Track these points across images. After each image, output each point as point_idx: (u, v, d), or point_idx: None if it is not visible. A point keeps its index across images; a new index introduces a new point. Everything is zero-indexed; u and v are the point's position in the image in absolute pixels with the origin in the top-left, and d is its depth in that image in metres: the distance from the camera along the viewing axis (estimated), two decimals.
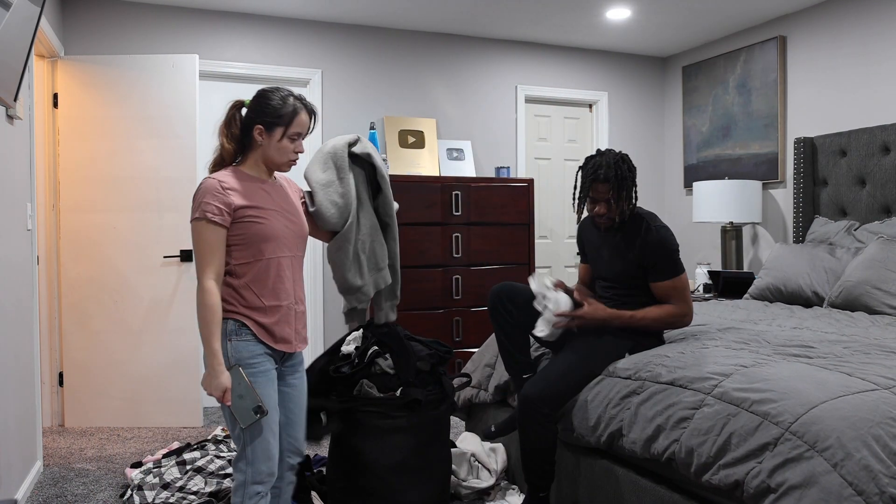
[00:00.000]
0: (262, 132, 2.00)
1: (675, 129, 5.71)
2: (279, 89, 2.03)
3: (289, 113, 1.99)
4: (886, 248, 3.47)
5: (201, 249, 1.92)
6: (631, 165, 2.53)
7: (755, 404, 1.89)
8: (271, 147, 2.01)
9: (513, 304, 2.67)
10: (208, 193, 1.93)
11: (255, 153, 2.04)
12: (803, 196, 4.41)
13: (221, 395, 1.89)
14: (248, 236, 1.96)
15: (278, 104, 1.99)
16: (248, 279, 1.97)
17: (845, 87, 4.35)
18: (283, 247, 2.02)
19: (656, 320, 2.51)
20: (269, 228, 1.98)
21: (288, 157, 2.04)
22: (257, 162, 2.05)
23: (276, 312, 2.00)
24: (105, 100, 4.09)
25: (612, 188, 2.47)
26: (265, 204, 2.00)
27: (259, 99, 2.02)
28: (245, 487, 1.95)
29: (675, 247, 2.52)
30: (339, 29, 4.86)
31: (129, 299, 4.10)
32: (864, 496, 1.61)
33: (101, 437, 3.89)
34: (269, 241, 1.98)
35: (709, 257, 5.40)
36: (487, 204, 4.62)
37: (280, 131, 2.00)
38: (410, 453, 2.42)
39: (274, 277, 2.00)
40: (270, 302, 1.99)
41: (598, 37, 5.21)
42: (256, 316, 1.97)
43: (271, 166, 2.06)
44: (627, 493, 2.26)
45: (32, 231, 3.31)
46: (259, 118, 2.00)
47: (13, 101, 2.48)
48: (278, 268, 2.01)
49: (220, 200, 1.93)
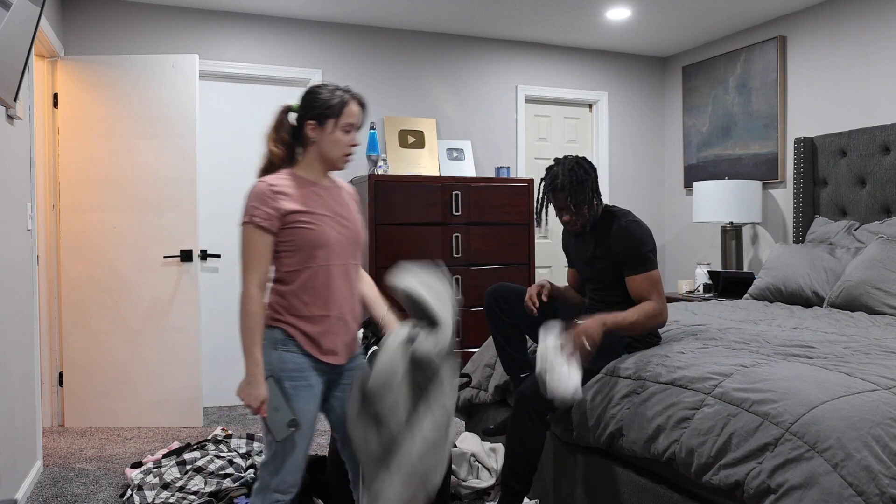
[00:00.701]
0: (315, 127, 1.94)
1: (675, 129, 5.71)
2: (326, 84, 1.98)
3: (338, 104, 1.94)
4: (886, 248, 3.47)
5: (247, 254, 1.86)
6: (588, 168, 2.52)
7: (755, 404, 1.89)
8: (325, 141, 1.94)
9: (508, 304, 2.68)
10: (258, 198, 1.87)
11: (309, 152, 1.97)
12: (803, 196, 4.41)
13: (258, 406, 1.83)
14: (298, 242, 1.88)
15: (327, 96, 1.94)
16: (296, 287, 1.89)
17: (845, 87, 4.35)
18: (335, 254, 1.93)
19: (634, 324, 2.44)
20: (321, 235, 1.90)
21: (343, 150, 1.97)
22: (312, 162, 1.98)
23: (323, 322, 1.92)
24: (105, 100, 4.09)
25: (569, 194, 2.49)
26: (318, 208, 1.92)
27: (307, 96, 1.97)
28: (266, 493, 1.91)
29: (645, 239, 2.47)
30: (339, 29, 4.86)
31: (129, 299, 4.10)
32: (864, 497, 1.61)
33: (101, 437, 3.89)
34: (320, 248, 1.90)
35: (709, 257, 5.41)
36: (487, 204, 4.62)
37: (332, 123, 1.94)
38: None
39: (323, 286, 1.91)
40: (318, 311, 1.91)
41: (598, 37, 5.21)
42: (303, 325, 1.90)
43: (327, 163, 1.98)
44: (627, 493, 2.26)
45: (32, 231, 3.31)
46: (309, 113, 1.94)
47: (13, 101, 2.48)
48: (328, 276, 1.92)
49: (269, 205, 1.86)
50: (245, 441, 3.27)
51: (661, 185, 5.85)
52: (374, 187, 4.33)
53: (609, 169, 5.63)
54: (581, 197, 2.49)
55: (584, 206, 2.51)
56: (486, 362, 3.12)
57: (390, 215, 4.36)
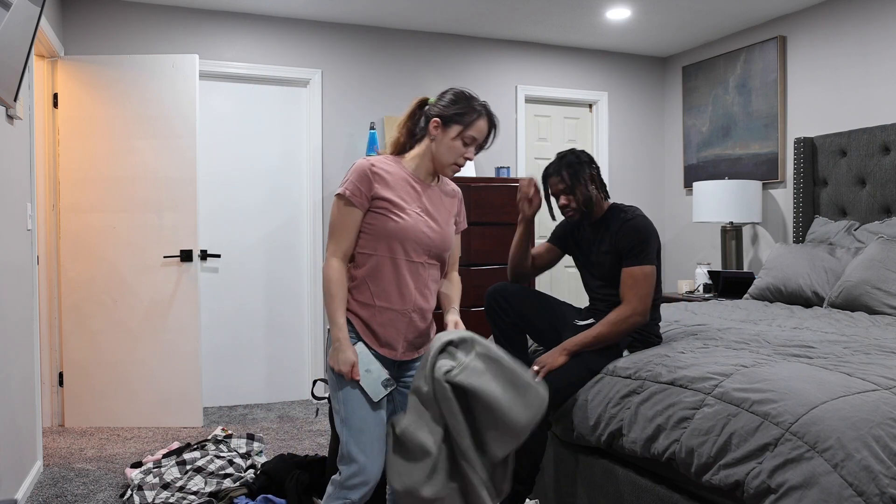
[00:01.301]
0: (439, 125, 1.94)
1: (675, 129, 5.71)
2: (464, 91, 1.98)
3: (471, 115, 1.95)
4: (886, 248, 3.47)
5: (334, 225, 1.90)
6: (582, 155, 2.55)
7: (755, 404, 1.89)
8: (443, 143, 1.94)
9: (509, 304, 2.68)
10: (356, 173, 1.90)
11: (423, 146, 1.98)
12: (803, 196, 4.41)
13: (350, 369, 1.84)
14: (378, 228, 1.90)
15: (464, 104, 1.95)
16: (364, 272, 1.91)
17: (845, 87, 4.35)
18: (412, 251, 1.92)
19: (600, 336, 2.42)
20: (401, 228, 1.90)
21: (455, 158, 1.96)
22: (422, 156, 1.99)
23: (384, 314, 1.92)
24: (105, 100, 4.09)
25: (563, 178, 2.53)
26: (409, 201, 1.94)
27: (448, 94, 1.97)
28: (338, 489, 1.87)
29: (649, 233, 2.46)
30: (339, 29, 4.86)
31: (129, 299, 4.10)
32: (864, 497, 1.61)
33: (101, 437, 3.89)
34: (396, 241, 1.90)
35: (709, 257, 5.40)
36: (487, 204, 4.62)
37: (456, 130, 1.94)
38: None
39: (390, 278, 1.91)
40: (381, 303, 1.91)
41: (598, 37, 5.21)
42: (363, 313, 1.91)
43: (436, 164, 1.98)
44: (627, 493, 2.26)
45: (32, 231, 3.31)
46: (440, 111, 1.94)
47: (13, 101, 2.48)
48: (397, 269, 1.91)
49: (363, 183, 1.89)
50: (245, 441, 3.27)
51: (661, 185, 5.85)
52: None
53: (609, 169, 5.63)
54: (574, 180, 2.52)
55: (579, 188, 2.52)
56: None
57: None
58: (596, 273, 2.63)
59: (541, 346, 2.79)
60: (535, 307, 2.70)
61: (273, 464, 2.83)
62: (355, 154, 4.88)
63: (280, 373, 4.78)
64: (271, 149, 4.76)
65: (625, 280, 2.46)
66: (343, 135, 4.87)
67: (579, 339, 2.44)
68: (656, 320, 2.63)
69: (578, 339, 2.44)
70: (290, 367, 4.80)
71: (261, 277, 4.72)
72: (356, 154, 4.88)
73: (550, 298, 2.75)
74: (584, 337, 2.43)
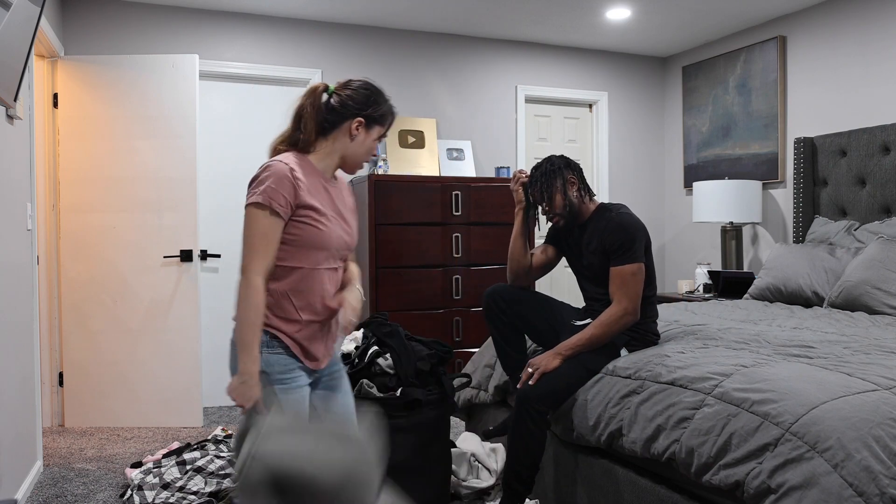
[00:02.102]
0: (361, 126, 1.84)
1: (675, 129, 5.71)
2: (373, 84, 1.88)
3: (389, 115, 1.89)
4: (886, 248, 3.46)
5: (255, 239, 1.71)
6: (557, 162, 2.56)
7: (755, 405, 1.89)
8: (364, 145, 1.86)
9: (507, 304, 2.68)
10: (278, 179, 1.71)
11: (333, 144, 1.84)
12: (803, 196, 4.41)
13: (252, 406, 1.70)
14: (303, 238, 1.77)
15: (384, 103, 1.87)
16: (286, 286, 1.77)
17: (845, 87, 4.35)
18: (332, 258, 1.84)
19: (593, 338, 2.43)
20: (327, 236, 1.79)
21: (368, 156, 1.89)
22: (331, 155, 1.85)
23: (311, 327, 1.81)
24: (105, 100, 4.09)
25: (537, 188, 2.56)
26: (326, 206, 1.81)
27: (369, 93, 1.86)
28: None
29: (635, 230, 2.45)
30: (339, 29, 4.86)
31: (129, 299, 4.10)
32: (864, 497, 1.61)
33: (101, 437, 3.89)
34: (322, 251, 1.80)
35: (709, 257, 5.40)
36: (487, 204, 4.62)
37: (378, 131, 1.87)
38: (410, 453, 2.42)
39: (314, 290, 1.80)
40: (307, 316, 1.80)
41: (598, 37, 5.21)
42: (291, 329, 1.78)
43: (349, 163, 1.88)
44: (627, 493, 2.26)
45: (32, 231, 3.31)
46: (364, 111, 1.83)
47: (13, 101, 2.48)
48: (321, 279, 1.81)
49: (287, 190, 1.72)
50: None
51: (661, 185, 5.85)
52: (374, 187, 4.33)
53: (609, 169, 5.63)
54: (550, 188, 2.53)
55: (555, 195, 2.54)
56: (486, 362, 3.12)
57: (390, 215, 4.36)
58: (588, 273, 2.63)
59: (540, 346, 2.79)
60: (533, 307, 2.70)
61: None
62: None
63: None
64: None
65: (613, 279, 2.47)
66: None
67: (573, 342, 2.44)
68: (653, 317, 2.62)
69: (572, 342, 2.44)
70: None
71: None
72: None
73: (548, 298, 2.76)
74: (578, 340, 2.44)
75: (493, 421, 3.09)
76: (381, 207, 4.34)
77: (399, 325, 2.59)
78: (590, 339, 2.43)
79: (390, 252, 4.36)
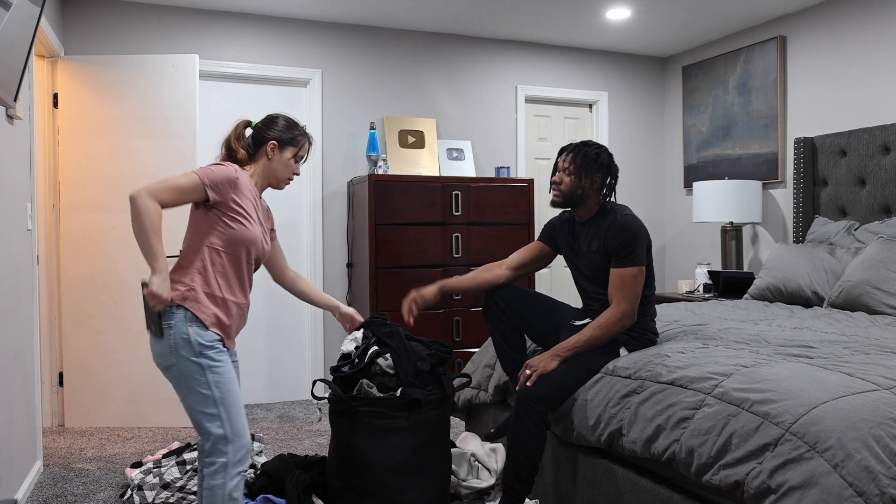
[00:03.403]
0: (275, 148, 2.21)
1: (675, 129, 5.71)
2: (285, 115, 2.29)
3: (301, 138, 2.26)
4: (886, 248, 3.47)
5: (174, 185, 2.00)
6: (606, 157, 2.52)
7: (755, 405, 1.89)
8: (281, 163, 2.23)
9: (506, 304, 2.68)
10: (224, 175, 2.08)
11: (260, 165, 2.23)
12: (803, 196, 4.41)
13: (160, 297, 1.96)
14: (235, 232, 2.10)
15: (295, 129, 2.26)
16: (218, 267, 2.09)
17: (845, 87, 4.35)
18: (252, 255, 2.17)
19: (591, 339, 2.44)
20: (252, 235, 2.14)
21: (289, 174, 2.26)
22: (260, 174, 2.24)
23: (232, 307, 2.12)
24: (105, 100, 4.09)
25: (573, 158, 2.51)
26: (254, 212, 2.17)
27: (272, 121, 2.25)
28: (227, 469, 2.01)
29: (638, 233, 2.45)
30: (339, 29, 4.86)
31: (129, 299, 4.10)
32: (864, 497, 1.61)
33: (101, 437, 3.89)
34: (246, 245, 2.13)
35: (709, 257, 5.41)
36: (487, 204, 4.62)
37: (291, 151, 2.24)
38: (410, 453, 2.42)
39: (238, 276, 2.14)
40: (229, 296, 2.11)
41: (598, 37, 5.21)
42: (214, 308, 2.07)
43: (272, 181, 2.26)
44: (627, 493, 2.26)
45: (32, 231, 3.31)
46: (274, 134, 2.22)
47: (13, 101, 2.48)
48: (243, 269, 2.15)
49: (225, 186, 2.07)
50: None
51: (661, 185, 5.85)
52: (374, 187, 4.33)
53: None
54: (583, 170, 2.48)
55: (582, 177, 2.49)
56: (486, 362, 3.12)
57: (390, 215, 4.36)
58: (587, 273, 2.62)
59: (539, 346, 2.79)
60: (532, 307, 2.70)
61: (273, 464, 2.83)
62: (355, 154, 4.89)
63: (280, 373, 4.78)
64: None
65: (613, 281, 2.46)
66: (343, 135, 4.87)
67: (571, 344, 2.44)
68: (652, 316, 2.61)
69: (571, 344, 2.44)
70: (290, 368, 4.80)
71: (261, 277, 4.72)
72: (356, 154, 4.89)
73: (547, 298, 2.75)
74: (577, 341, 2.44)
75: (494, 421, 3.09)
76: (381, 207, 4.34)
77: (399, 325, 2.58)
78: (588, 341, 2.43)
79: (390, 252, 4.36)
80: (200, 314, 2.03)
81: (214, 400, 2.01)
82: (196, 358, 2.00)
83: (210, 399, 2.01)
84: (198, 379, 2.00)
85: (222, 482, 2.01)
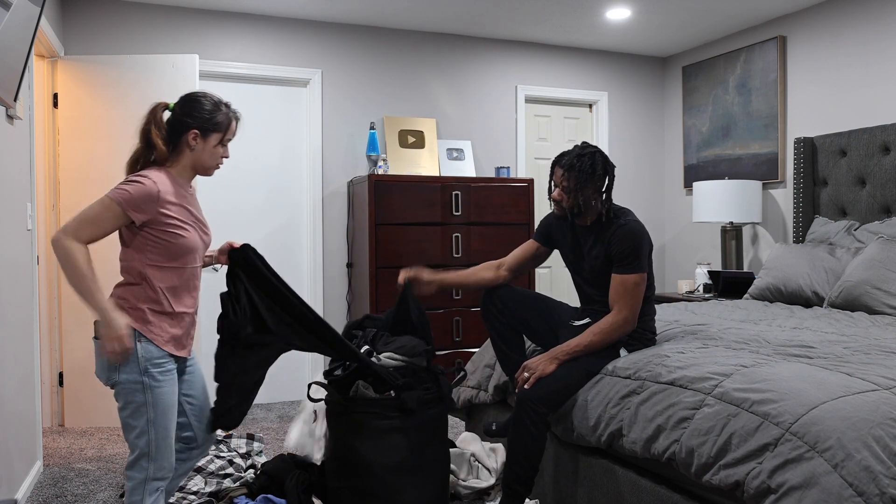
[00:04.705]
0: (197, 137, 2.04)
1: (675, 129, 5.71)
2: (208, 96, 2.07)
3: (225, 121, 2.08)
4: (886, 248, 3.47)
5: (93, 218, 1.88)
6: (601, 164, 2.48)
7: (755, 405, 1.89)
8: (206, 152, 2.06)
9: (504, 305, 2.67)
10: (143, 195, 1.91)
11: (183, 157, 2.05)
12: (803, 196, 4.41)
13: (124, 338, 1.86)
14: (172, 245, 1.98)
15: (213, 110, 2.06)
16: (162, 284, 1.98)
17: (845, 87, 4.35)
18: (196, 259, 2.07)
19: (591, 344, 2.43)
20: (190, 242, 2.01)
21: (218, 161, 2.10)
22: (185, 167, 2.07)
23: (184, 318, 2.04)
24: (105, 100, 4.09)
25: (568, 177, 2.47)
26: (188, 217, 2.03)
27: (192, 104, 2.06)
28: (146, 484, 1.98)
29: (642, 239, 2.44)
30: (339, 29, 4.86)
31: None
32: (864, 497, 1.61)
33: (101, 437, 3.89)
34: (190, 254, 2.02)
35: (709, 257, 5.40)
36: (487, 204, 4.62)
37: (217, 138, 2.07)
38: (408, 453, 2.42)
39: (185, 286, 2.03)
40: (180, 308, 2.02)
41: (598, 37, 5.21)
42: (166, 324, 1.98)
43: (200, 171, 2.09)
44: (627, 493, 2.26)
45: (32, 231, 3.31)
46: (195, 123, 2.03)
47: (13, 101, 2.48)
48: (192, 278, 2.06)
49: (148, 205, 1.92)
50: (245, 441, 3.27)
51: (661, 185, 5.85)
52: (374, 187, 4.33)
53: None
54: (580, 185, 2.47)
55: (579, 193, 2.47)
56: (486, 362, 3.12)
57: (390, 215, 4.36)
58: (589, 276, 2.61)
59: (538, 346, 2.79)
60: (531, 308, 2.69)
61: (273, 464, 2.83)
62: (355, 154, 4.88)
63: (280, 373, 4.78)
64: (271, 149, 4.76)
65: (615, 287, 2.45)
66: (343, 135, 4.87)
67: (571, 347, 2.44)
68: (651, 315, 2.61)
69: (570, 347, 2.44)
70: (290, 367, 4.80)
71: None
72: (356, 154, 4.88)
73: (546, 298, 2.75)
74: (576, 345, 2.43)
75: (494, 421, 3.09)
76: (380, 207, 4.34)
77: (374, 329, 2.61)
78: (588, 346, 2.43)
79: (390, 252, 4.36)
80: (151, 335, 1.95)
81: (147, 419, 1.95)
82: (140, 376, 1.94)
83: (143, 417, 1.95)
84: (137, 396, 1.94)
85: (140, 499, 1.97)
